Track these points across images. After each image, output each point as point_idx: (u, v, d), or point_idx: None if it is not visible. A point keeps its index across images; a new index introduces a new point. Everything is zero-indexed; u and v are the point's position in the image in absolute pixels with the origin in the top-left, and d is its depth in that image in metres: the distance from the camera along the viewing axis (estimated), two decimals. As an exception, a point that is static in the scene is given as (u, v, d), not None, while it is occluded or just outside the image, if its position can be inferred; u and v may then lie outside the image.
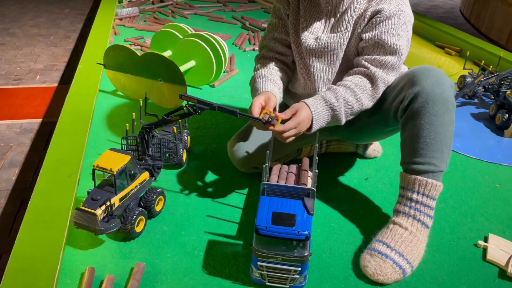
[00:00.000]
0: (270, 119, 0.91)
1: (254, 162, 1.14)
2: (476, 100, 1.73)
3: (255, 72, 1.08)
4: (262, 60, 1.12)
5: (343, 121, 0.96)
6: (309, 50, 1.03)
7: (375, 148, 1.29)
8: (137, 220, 0.93)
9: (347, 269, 0.92)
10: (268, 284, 0.86)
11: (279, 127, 0.90)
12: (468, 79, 1.72)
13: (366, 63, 0.96)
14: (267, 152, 0.95)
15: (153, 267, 0.90)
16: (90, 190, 0.91)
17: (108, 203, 0.86)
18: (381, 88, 0.97)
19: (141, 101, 1.25)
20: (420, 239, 0.92)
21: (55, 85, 2.19)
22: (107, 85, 1.76)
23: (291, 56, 1.12)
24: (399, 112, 0.96)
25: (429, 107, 0.90)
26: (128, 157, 0.91)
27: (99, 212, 0.86)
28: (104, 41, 2.15)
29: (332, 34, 1.01)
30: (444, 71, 2.04)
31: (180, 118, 0.98)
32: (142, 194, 0.99)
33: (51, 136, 1.69)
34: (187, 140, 1.28)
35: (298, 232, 0.81)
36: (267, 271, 0.84)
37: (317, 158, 0.95)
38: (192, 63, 1.77)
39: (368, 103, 0.97)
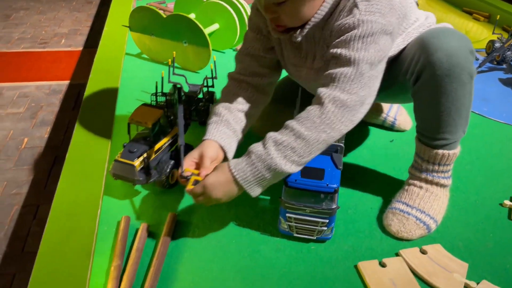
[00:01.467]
0: (187, 178, 0.82)
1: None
2: (504, 66, 1.70)
3: (215, 105, 0.96)
4: (231, 82, 0.99)
5: (289, 168, 0.77)
6: (302, 82, 1.00)
7: (404, 122, 1.27)
8: (171, 172, 0.97)
9: (372, 225, 0.94)
10: (296, 235, 0.89)
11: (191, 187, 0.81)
12: (497, 44, 1.68)
13: (319, 85, 0.81)
14: (297, 102, 0.96)
15: (185, 217, 0.94)
16: (126, 144, 0.94)
17: (144, 155, 0.90)
18: (331, 110, 0.77)
19: (169, 60, 1.27)
20: (438, 195, 0.93)
21: (80, 49, 2.22)
22: (133, 48, 1.78)
23: (267, 78, 0.99)
24: (410, 83, 0.89)
25: (438, 82, 0.82)
26: (161, 111, 0.94)
27: (136, 163, 0.89)
28: (128, 4, 2.16)
29: (317, 71, 0.91)
30: (472, 37, 2.00)
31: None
32: (173, 149, 1.03)
33: (79, 97, 1.74)
34: (214, 100, 1.30)
35: (327, 185, 0.83)
36: (295, 222, 0.87)
37: None
38: (215, 26, 1.77)
39: (317, 135, 0.77)
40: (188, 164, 0.85)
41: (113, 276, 0.79)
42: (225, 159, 0.90)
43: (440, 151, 0.90)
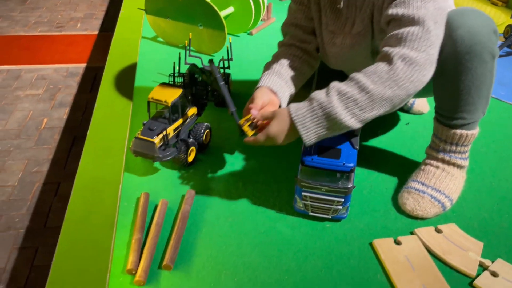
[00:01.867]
0: (243, 132, 0.85)
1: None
2: (523, 51, 1.67)
3: (266, 64, 1.01)
4: (281, 48, 1.04)
5: (348, 120, 0.77)
6: (333, 53, 0.98)
7: (421, 105, 1.26)
8: (189, 150, 0.99)
9: (387, 204, 0.95)
10: (311, 214, 0.90)
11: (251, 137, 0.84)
12: (517, 29, 1.65)
13: (383, 46, 0.80)
14: (313, 83, 0.96)
15: (203, 194, 0.96)
16: (145, 122, 0.96)
17: (164, 133, 0.91)
18: (400, 67, 0.75)
19: (186, 41, 1.28)
20: (454, 175, 0.94)
21: (96, 32, 2.24)
22: (149, 31, 1.79)
23: (314, 43, 1.02)
24: None
25: (459, 59, 0.82)
26: (181, 90, 0.96)
27: (156, 140, 0.91)
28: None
29: (354, 36, 0.92)
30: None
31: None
32: (191, 128, 1.04)
33: (96, 80, 1.76)
34: (230, 82, 1.31)
35: (344, 164, 0.84)
36: (310, 201, 0.89)
37: None
38: (230, 9, 1.77)
39: (383, 90, 0.75)
40: (250, 108, 0.87)
41: (134, 248, 0.81)
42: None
43: (458, 131, 0.90)
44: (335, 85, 0.78)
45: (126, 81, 1.31)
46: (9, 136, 1.40)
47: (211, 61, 1.00)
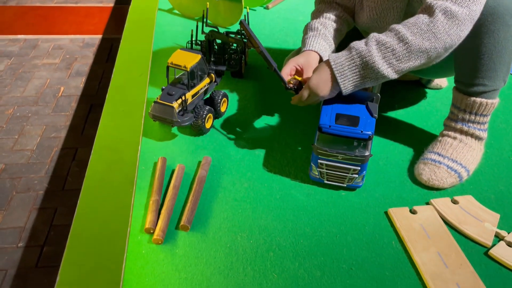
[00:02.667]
0: (294, 87, 0.85)
1: None
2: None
3: (310, 23, 1.00)
4: (321, 5, 1.03)
5: (385, 70, 0.78)
6: (369, 5, 0.96)
7: (440, 80, 1.24)
8: (207, 117, 0.99)
9: (403, 175, 0.95)
10: (326, 182, 0.91)
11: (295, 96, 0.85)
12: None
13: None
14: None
15: (219, 161, 0.97)
16: (164, 87, 0.96)
17: (183, 98, 0.92)
18: (440, 20, 0.76)
19: (203, 10, 1.27)
20: (472, 146, 0.93)
21: (111, 5, 2.23)
22: (164, 3, 1.78)
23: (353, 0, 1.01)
24: None
25: (481, 20, 0.80)
26: (199, 56, 0.95)
27: (175, 105, 0.92)
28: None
29: None
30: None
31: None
32: (208, 96, 1.04)
33: (112, 51, 1.76)
34: (246, 53, 1.30)
35: (362, 131, 0.84)
36: (326, 169, 0.89)
37: None
38: (248, -18, 1.75)
39: (421, 42, 0.76)
40: (289, 68, 0.89)
41: (152, 209, 0.83)
42: None
43: (478, 99, 0.88)
44: (374, 35, 0.80)
45: (143, 50, 1.31)
46: (28, 103, 1.42)
47: (243, 21, 0.98)
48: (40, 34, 1.87)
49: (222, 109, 1.07)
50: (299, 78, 0.89)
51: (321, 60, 0.94)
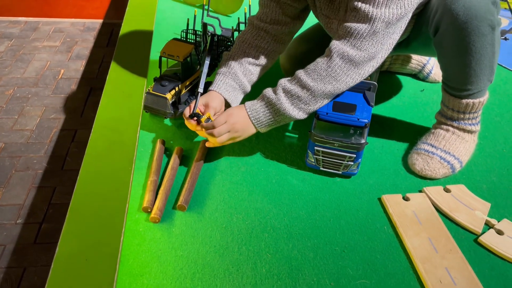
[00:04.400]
0: (198, 116, 0.84)
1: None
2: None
3: (227, 53, 0.96)
4: (248, 29, 0.98)
5: (296, 114, 0.84)
6: (333, 36, 0.95)
7: (438, 74, 1.26)
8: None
9: (397, 164, 0.96)
10: (322, 169, 0.92)
11: (207, 122, 0.85)
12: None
13: (335, 35, 0.83)
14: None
15: (215, 147, 0.98)
16: (156, 77, 0.96)
17: (176, 89, 0.91)
18: (338, 64, 0.80)
19: (204, 0, 1.27)
20: (465, 139, 0.94)
21: (113, -11, 2.22)
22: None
23: (288, 26, 0.96)
24: (431, 34, 0.88)
25: (456, 34, 0.81)
26: (192, 46, 0.96)
27: (169, 96, 0.92)
28: None
29: (342, 22, 0.87)
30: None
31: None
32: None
33: (112, 35, 1.76)
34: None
35: (358, 119, 0.85)
36: (322, 156, 0.90)
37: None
38: (251, -30, 1.74)
39: (323, 86, 0.81)
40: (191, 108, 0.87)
41: (150, 189, 0.84)
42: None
43: (464, 101, 0.90)
44: (281, 83, 0.85)
45: (143, 37, 1.32)
46: (28, 84, 1.42)
47: (204, 27, 0.98)
48: (41, 17, 1.87)
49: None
50: (212, 118, 0.87)
51: (226, 101, 0.92)
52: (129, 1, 1.59)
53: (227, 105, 0.93)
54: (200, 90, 0.88)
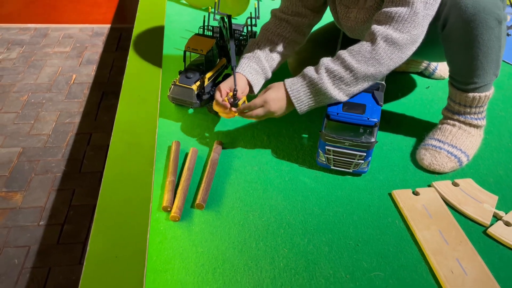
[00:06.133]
0: (234, 100, 0.87)
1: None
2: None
3: (253, 40, 1.02)
4: (272, 20, 1.04)
5: (337, 94, 0.86)
6: (348, 27, 1.00)
7: (443, 70, 1.29)
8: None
9: (406, 160, 0.99)
10: (333, 168, 0.95)
11: (243, 105, 0.87)
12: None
13: (374, 21, 0.85)
14: (338, 46, 0.99)
15: (230, 146, 1.01)
16: (181, 70, 1.00)
17: (201, 80, 0.96)
18: (382, 47, 0.82)
19: (215, 2, 1.30)
20: (471, 133, 0.97)
21: (119, -6, 2.26)
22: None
23: (308, 18, 1.02)
24: (439, 29, 0.90)
25: (464, 26, 0.84)
26: (214, 40, 1.00)
27: (194, 87, 0.96)
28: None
29: (368, 10, 0.93)
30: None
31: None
32: (219, 79, 1.09)
33: (121, 40, 1.80)
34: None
35: (368, 119, 0.88)
36: (333, 155, 0.93)
37: None
38: (255, -27, 1.77)
39: (366, 68, 0.83)
40: (224, 92, 0.92)
41: (169, 189, 0.87)
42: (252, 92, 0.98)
43: (471, 94, 0.93)
44: (324, 62, 0.86)
45: (155, 38, 1.35)
46: (41, 90, 1.46)
47: (222, 18, 1.02)
48: (50, 23, 1.90)
49: (233, 94, 1.11)
50: (247, 102, 0.90)
51: (249, 83, 0.96)
52: (139, 6, 1.63)
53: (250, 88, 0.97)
54: (234, 63, 0.93)
